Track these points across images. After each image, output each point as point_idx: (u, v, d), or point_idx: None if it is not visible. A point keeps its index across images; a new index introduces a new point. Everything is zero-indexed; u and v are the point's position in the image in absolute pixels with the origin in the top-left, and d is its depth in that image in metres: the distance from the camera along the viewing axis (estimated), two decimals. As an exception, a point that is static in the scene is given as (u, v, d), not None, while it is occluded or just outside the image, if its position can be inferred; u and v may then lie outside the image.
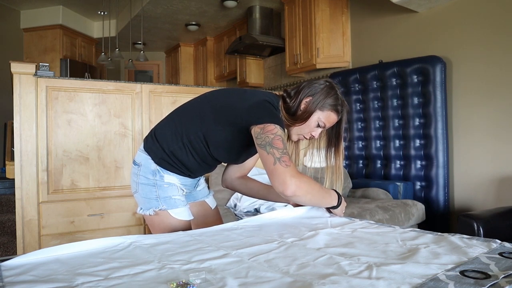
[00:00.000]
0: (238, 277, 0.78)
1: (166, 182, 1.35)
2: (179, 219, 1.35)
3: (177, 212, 1.34)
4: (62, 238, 2.54)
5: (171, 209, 1.34)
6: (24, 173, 2.45)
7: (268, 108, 1.24)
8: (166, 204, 1.33)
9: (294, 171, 1.13)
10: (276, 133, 1.17)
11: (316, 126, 1.33)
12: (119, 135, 2.80)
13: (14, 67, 2.42)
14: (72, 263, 0.89)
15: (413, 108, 3.34)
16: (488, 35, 2.98)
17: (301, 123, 1.32)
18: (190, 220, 1.40)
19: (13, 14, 6.16)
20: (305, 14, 4.28)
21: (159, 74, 8.13)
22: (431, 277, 0.74)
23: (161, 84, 2.99)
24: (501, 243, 0.95)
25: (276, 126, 1.19)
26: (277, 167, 1.13)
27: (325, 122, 1.32)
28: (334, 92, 1.32)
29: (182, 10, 5.39)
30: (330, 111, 1.31)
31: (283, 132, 1.22)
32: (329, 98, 1.30)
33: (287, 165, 1.13)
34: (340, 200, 1.33)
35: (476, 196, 3.10)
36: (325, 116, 1.31)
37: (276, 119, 1.23)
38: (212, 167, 1.47)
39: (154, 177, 1.34)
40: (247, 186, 1.54)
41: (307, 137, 1.36)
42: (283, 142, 1.16)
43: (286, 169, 1.13)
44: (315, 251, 0.96)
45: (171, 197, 1.34)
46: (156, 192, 1.33)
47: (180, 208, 1.35)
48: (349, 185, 3.40)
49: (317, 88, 1.32)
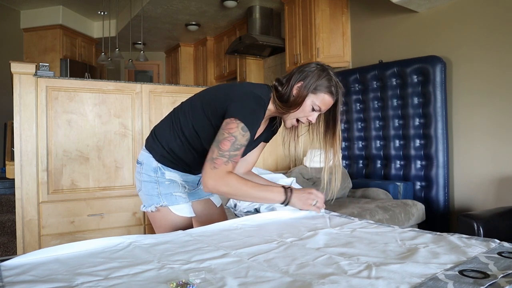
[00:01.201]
0: (238, 276, 0.78)
1: (168, 179, 1.37)
2: (180, 216, 1.36)
3: (178, 209, 1.36)
4: (62, 238, 2.55)
5: (172, 205, 1.35)
6: (24, 173, 2.45)
7: (246, 101, 1.24)
8: (167, 200, 1.35)
9: (218, 175, 1.18)
10: (232, 133, 1.19)
11: (311, 110, 1.30)
12: (119, 135, 2.80)
13: (14, 67, 2.42)
14: (72, 263, 0.89)
15: (413, 108, 3.34)
16: (488, 35, 2.98)
17: (295, 109, 1.29)
18: (191, 217, 1.41)
19: (13, 14, 6.16)
20: (305, 14, 4.28)
21: (159, 74, 8.13)
22: (430, 276, 0.74)
23: (161, 84, 2.99)
24: (500, 243, 0.95)
25: (239, 125, 1.19)
26: (207, 164, 1.20)
27: (319, 105, 1.29)
28: (326, 74, 1.29)
29: (182, 10, 5.39)
30: (324, 93, 1.28)
31: (247, 131, 1.20)
32: (321, 80, 1.28)
33: (214, 167, 1.18)
34: (289, 195, 1.29)
35: (476, 196, 3.10)
36: (319, 99, 1.28)
37: (248, 115, 1.21)
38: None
39: (155, 174, 1.36)
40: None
41: (304, 121, 1.33)
42: (232, 144, 1.18)
43: (212, 170, 1.18)
44: (314, 251, 0.96)
45: (172, 194, 1.36)
46: (158, 188, 1.36)
47: (181, 204, 1.37)
48: (349, 185, 3.41)
49: (308, 72, 1.29)
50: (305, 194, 1.31)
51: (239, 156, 1.23)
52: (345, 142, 3.97)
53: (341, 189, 3.31)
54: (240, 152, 1.22)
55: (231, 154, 1.19)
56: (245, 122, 1.20)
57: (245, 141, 1.21)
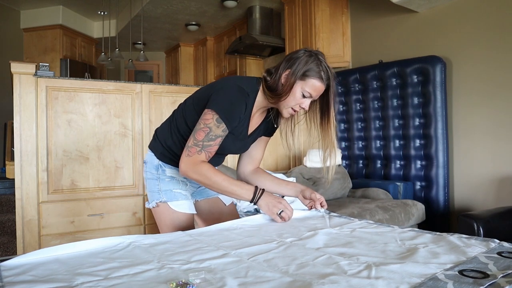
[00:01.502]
0: (238, 276, 0.78)
1: (168, 176, 1.42)
2: (179, 211, 1.40)
3: (176, 204, 1.40)
4: (62, 238, 2.55)
5: (171, 201, 1.39)
6: (24, 173, 2.45)
7: (226, 93, 1.26)
8: (167, 196, 1.39)
9: (190, 161, 1.24)
10: (207, 124, 1.23)
11: (302, 97, 1.28)
12: (119, 135, 2.80)
13: (14, 67, 2.42)
14: (72, 263, 0.89)
15: (413, 108, 3.34)
16: (488, 35, 2.98)
17: (285, 97, 1.27)
18: (191, 213, 1.44)
19: (13, 14, 6.17)
20: (305, 14, 4.28)
21: (159, 74, 8.13)
22: (430, 276, 0.74)
23: (161, 84, 2.99)
24: (499, 243, 0.95)
25: (214, 116, 1.23)
26: (184, 151, 1.27)
27: (310, 92, 1.27)
28: (314, 59, 1.27)
29: (182, 10, 5.39)
30: (312, 79, 1.26)
31: (221, 123, 1.23)
32: (309, 65, 1.26)
33: (188, 155, 1.24)
34: (257, 196, 1.28)
35: (476, 196, 3.10)
36: (308, 85, 1.26)
37: (224, 107, 1.24)
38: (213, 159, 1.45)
39: (157, 172, 1.42)
40: (259, 180, 1.51)
41: (298, 109, 1.31)
42: (206, 134, 1.23)
43: (186, 157, 1.25)
44: (314, 251, 0.96)
45: (172, 190, 1.40)
46: (159, 185, 1.41)
47: (180, 201, 1.40)
48: (349, 185, 3.40)
49: (296, 59, 1.28)
50: (274, 201, 1.29)
51: (215, 147, 1.26)
52: (345, 142, 3.97)
53: (341, 189, 3.31)
54: (215, 143, 1.25)
55: (204, 144, 1.24)
56: (220, 113, 1.23)
57: (220, 132, 1.24)
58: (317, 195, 1.41)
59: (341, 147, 3.96)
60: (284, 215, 1.28)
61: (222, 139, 1.27)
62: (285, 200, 1.31)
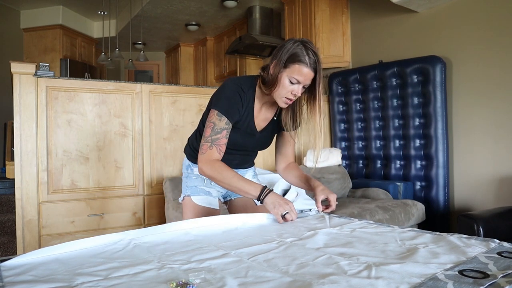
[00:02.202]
0: (238, 276, 0.78)
1: (195, 174, 1.56)
2: (199, 205, 1.52)
3: (197, 199, 1.52)
4: (62, 238, 2.55)
5: (193, 195, 1.53)
6: (24, 173, 2.45)
7: (222, 90, 1.37)
8: (191, 191, 1.54)
9: (204, 159, 1.34)
10: (211, 120, 1.35)
11: (291, 84, 1.30)
12: (119, 135, 2.80)
13: (14, 67, 2.42)
14: (72, 263, 0.89)
15: (413, 108, 3.34)
16: (488, 35, 2.99)
17: (275, 87, 1.32)
18: (212, 208, 1.53)
19: (13, 14, 6.17)
20: (305, 14, 4.28)
21: (159, 74, 8.13)
22: (430, 276, 0.74)
23: (161, 84, 2.99)
24: (499, 243, 0.95)
25: (214, 112, 1.34)
26: (199, 152, 1.37)
27: (296, 77, 1.28)
28: (297, 45, 1.28)
29: (182, 10, 5.40)
30: (296, 64, 1.27)
31: (222, 116, 1.33)
32: (291, 52, 1.27)
33: (202, 153, 1.35)
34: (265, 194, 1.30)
35: (476, 196, 3.10)
36: (294, 71, 1.27)
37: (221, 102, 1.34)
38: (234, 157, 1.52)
39: (187, 171, 1.60)
40: (288, 176, 1.59)
41: (291, 97, 1.32)
42: (212, 129, 1.34)
43: (201, 156, 1.35)
44: (314, 251, 0.96)
45: (197, 186, 1.54)
46: (187, 182, 1.57)
47: (202, 196, 1.53)
48: (349, 185, 3.41)
49: (281, 48, 1.30)
50: (281, 201, 1.31)
51: (223, 139, 1.34)
52: (345, 142, 3.97)
53: (341, 189, 3.31)
54: (222, 135, 1.34)
55: (213, 138, 1.33)
56: (219, 109, 1.34)
57: (224, 125, 1.33)
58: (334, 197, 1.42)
59: (341, 147, 3.96)
60: (288, 217, 1.30)
61: (228, 131, 1.35)
62: (292, 204, 1.33)
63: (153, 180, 2.91)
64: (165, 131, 2.97)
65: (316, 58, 1.28)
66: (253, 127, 1.44)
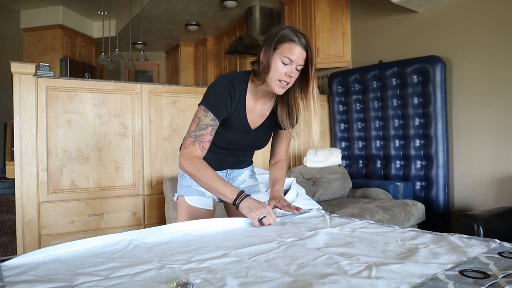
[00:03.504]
0: (238, 276, 0.78)
1: None
2: (191, 205, 1.51)
3: (190, 199, 1.52)
4: (62, 238, 2.55)
5: (187, 195, 1.53)
6: (24, 173, 2.45)
7: (212, 87, 1.35)
8: (184, 191, 1.54)
9: (186, 154, 1.32)
10: (197, 115, 1.34)
11: (284, 65, 1.27)
12: (119, 135, 2.80)
13: (14, 67, 2.42)
14: (72, 263, 0.89)
15: (413, 108, 3.34)
16: (488, 35, 2.99)
17: (268, 73, 1.29)
18: (205, 208, 1.52)
19: (13, 14, 6.16)
20: (305, 14, 4.28)
21: (159, 74, 8.13)
22: (430, 276, 0.74)
23: (161, 84, 2.99)
24: (500, 243, 0.95)
25: (201, 108, 1.33)
26: (181, 147, 1.36)
27: (288, 56, 1.26)
28: (284, 28, 1.28)
29: (182, 10, 5.39)
30: (286, 43, 1.26)
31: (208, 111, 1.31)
32: (280, 34, 1.27)
33: (184, 148, 1.34)
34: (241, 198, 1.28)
35: (476, 196, 3.10)
36: (285, 50, 1.26)
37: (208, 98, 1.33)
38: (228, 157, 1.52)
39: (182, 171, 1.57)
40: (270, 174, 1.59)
41: (286, 79, 1.29)
42: (197, 125, 1.32)
43: (183, 150, 1.34)
44: (314, 251, 0.96)
45: (190, 186, 1.53)
46: (182, 181, 1.56)
47: (195, 196, 1.52)
48: (349, 185, 3.41)
49: (268, 37, 1.30)
50: (257, 205, 1.27)
51: (207, 136, 1.32)
52: (345, 142, 3.97)
53: (341, 189, 3.31)
54: (206, 132, 1.31)
55: (196, 134, 1.31)
56: (206, 104, 1.32)
57: (209, 121, 1.31)
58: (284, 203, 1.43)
59: (341, 147, 3.96)
60: (265, 221, 1.25)
61: (213, 128, 1.33)
62: (269, 207, 1.29)
63: (153, 180, 2.91)
64: (165, 131, 2.97)
65: (305, 38, 1.28)
66: (247, 124, 1.41)
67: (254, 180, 1.67)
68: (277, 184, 1.53)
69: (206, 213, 1.52)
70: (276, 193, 1.49)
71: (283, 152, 1.59)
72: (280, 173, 1.56)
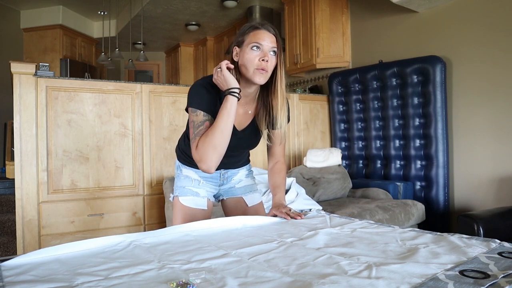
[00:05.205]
0: (238, 276, 0.78)
1: (184, 174, 1.59)
2: (185, 205, 1.53)
3: (184, 199, 1.53)
4: (62, 238, 2.55)
5: (181, 196, 1.55)
6: (24, 173, 2.45)
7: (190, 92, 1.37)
8: (179, 191, 1.56)
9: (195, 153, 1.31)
10: (190, 120, 1.35)
11: (254, 51, 1.31)
12: (119, 135, 2.80)
13: (14, 67, 2.42)
14: (72, 263, 0.89)
15: (413, 108, 3.34)
16: (488, 35, 2.99)
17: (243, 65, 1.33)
18: (199, 208, 1.53)
19: (13, 14, 6.17)
20: (305, 14, 4.28)
21: (159, 74, 8.13)
22: (430, 276, 0.74)
23: (161, 84, 2.99)
24: (500, 243, 0.95)
25: (190, 111, 1.35)
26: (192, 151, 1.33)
27: (256, 41, 1.31)
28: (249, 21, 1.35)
29: (182, 10, 5.40)
30: (250, 32, 1.33)
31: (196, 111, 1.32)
32: (243, 29, 1.36)
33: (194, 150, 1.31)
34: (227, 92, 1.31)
35: (476, 196, 3.10)
36: (251, 38, 1.32)
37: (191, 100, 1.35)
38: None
39: (177, 171, 1.62)
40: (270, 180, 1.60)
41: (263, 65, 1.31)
42: (194, 127, 1.33)
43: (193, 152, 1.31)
44: (314, 251, 0.96)
45: (185, 187, 1.55)
46: (177, 182, 1.59)
47: (189, 196, 1.54)
48: (349, 185, 3.40)
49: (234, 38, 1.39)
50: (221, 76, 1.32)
51: (204, 129, 1.32)
52: (345, 142, 3.97)
53: (341, 189, 3.31)
54: (205, 126, 1.32)
55: (196, 133, 1.33)
56: (191, 106, 1.35)
57: (202, 117, 1.33)
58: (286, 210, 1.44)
59: (341, 147, 3.96)
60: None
61: (210, 121, 1.33)
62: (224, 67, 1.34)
63: (153, 180, 2.91)
64: (165, 131, 2.97)
65: (269, 25, 1.36)
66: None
67: (251, 180, 1.66)
68: (278, 192, 1.53)
69: (200, 213, 1.52)
70: (277, 201, 1.50)
71: (279, 153, 1.59)
72: (279, 179, 1.56)
